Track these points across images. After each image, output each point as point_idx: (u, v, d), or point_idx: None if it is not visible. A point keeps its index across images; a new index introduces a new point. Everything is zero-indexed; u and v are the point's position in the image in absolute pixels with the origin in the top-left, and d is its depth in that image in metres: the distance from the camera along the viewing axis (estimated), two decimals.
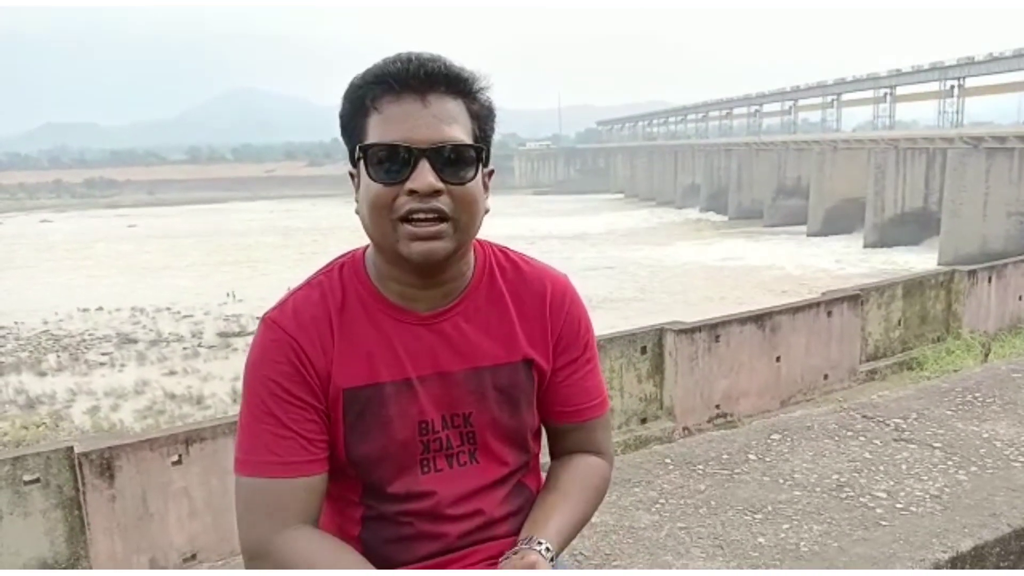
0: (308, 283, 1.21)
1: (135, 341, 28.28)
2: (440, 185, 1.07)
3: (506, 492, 1.25)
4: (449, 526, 1.20)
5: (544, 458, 1.37)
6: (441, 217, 1.08)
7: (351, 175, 1.15)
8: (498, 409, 1.20)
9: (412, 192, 1.06)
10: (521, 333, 1.22)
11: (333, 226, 67.48)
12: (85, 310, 33.58)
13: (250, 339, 1.21)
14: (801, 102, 70.23)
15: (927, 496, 2.37)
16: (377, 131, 1.08)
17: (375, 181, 1.08)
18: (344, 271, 1.21)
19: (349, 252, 1.24)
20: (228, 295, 35.56)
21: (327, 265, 1.23)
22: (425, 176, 1.06)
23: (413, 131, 1.06)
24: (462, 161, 1.09)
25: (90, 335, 29.50)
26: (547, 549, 1.15)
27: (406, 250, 1.09)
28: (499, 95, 1.17)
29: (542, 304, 1.24)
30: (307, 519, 1.13)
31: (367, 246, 1.21)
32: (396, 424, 1.16)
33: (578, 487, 1.28)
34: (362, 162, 1.10)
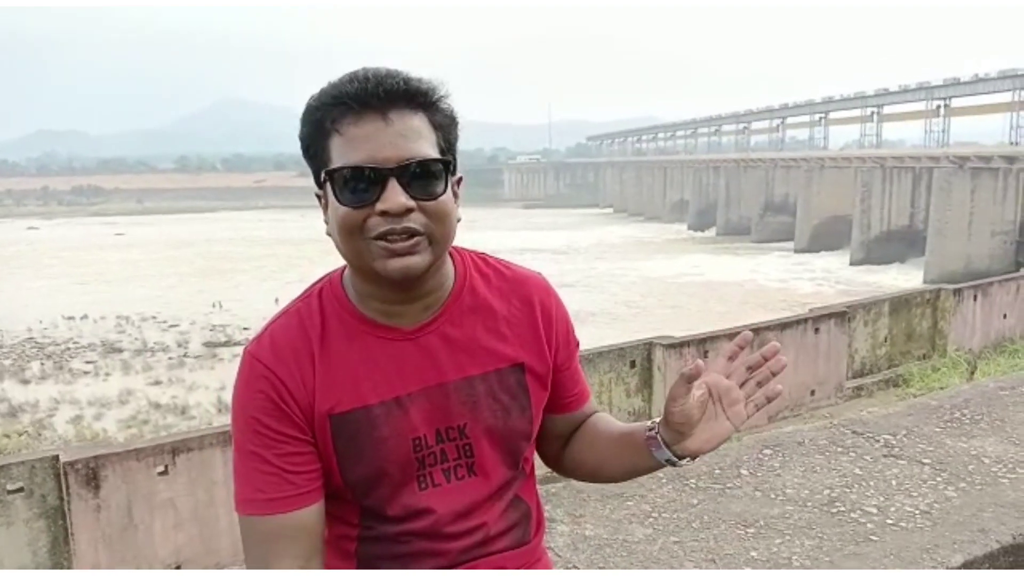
0: (286, 311, 1.19)
1: (120, 350, 28.08)
2: (411, 203, 1.06)
3: (505, 505, 1.24)
4: (449, 544, 1.19)
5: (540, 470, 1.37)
6: (414, 233, 1.08)
7: (318, 196, 1.14)
8: (492, 417, 1.20)
9: (384, 213, 1.06)
10: (511, 338, 1.22)
11: (322, 237, 67.34)
12: (70, 318, 33.31)
13: (236, 349, 1.20)
14: (789, 120, 70.84)
15: (917, 512, 2.39)
16: (340, 153, 1.07)
17: (344, 204, 1.07)
18: (323, 295, 1.19)
19: (326, 275, 1.22)
20: (214, 305, 35.37)
21: (305, 291, 1.21)
22: (395, 196, 1.05)
23: (378, 151, 1.05)
24: (431, 176, 1.08)
25: (75, 343, 29.27)
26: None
27: (383, 268, 1.08)
28: (489, 109, 1.16)
29: (531, 308, 1.24)
30: (300, 556, 1.12)
31: (344, 267, 1.20)
32: (389, 444, 1.15)
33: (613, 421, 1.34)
34: (328, 185, 1.09)
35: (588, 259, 50.66)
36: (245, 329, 30.07)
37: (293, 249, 57.61)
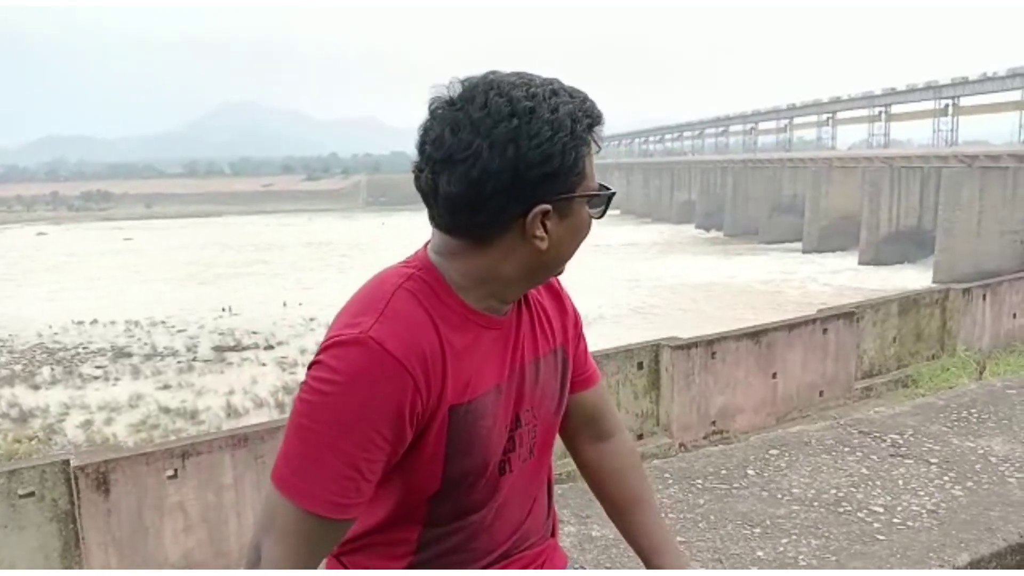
0: (397, 291, 1.07)
1: (130, 355, 28.20)
2: None
3: (544, 488, 1.30)
4: (503, 531, 1.21)
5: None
6: None
7: (543, 212, 1.06)
8: (550, 397, 1.24)
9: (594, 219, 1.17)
10: (554, 320, 1.27)
11: (326, 240, 67.49)
12: (80, 323, 33.48)
13: (245, 353, 1.16)
14: (797, 120, 70.59)
15: (924, 511, 2.39)
16: (591, 170, 1.13)
17: (594, 217, 1.16)
18: (424, 277, 1.10)
19: (413, 259, 1.14)
20: (224, 309, 35.50)
21: (396, 270, 1.12)
22: None
23: None
24: None
25: (84, 348, 29.41)
26: None
27: (563, 268, 1.19)
28: None
29: (554, 290, 1.31)
30: (316, 557, 1.08)
31: (426, 253, 1.13)
32: (494, 431, 1.14)
33: (648, 487, 1.43)
34: (584, 200, 1.12)
35: (593, 258, 50.61)
36: (254, 333, 30.17)
37: (301, 253, 57.77)
